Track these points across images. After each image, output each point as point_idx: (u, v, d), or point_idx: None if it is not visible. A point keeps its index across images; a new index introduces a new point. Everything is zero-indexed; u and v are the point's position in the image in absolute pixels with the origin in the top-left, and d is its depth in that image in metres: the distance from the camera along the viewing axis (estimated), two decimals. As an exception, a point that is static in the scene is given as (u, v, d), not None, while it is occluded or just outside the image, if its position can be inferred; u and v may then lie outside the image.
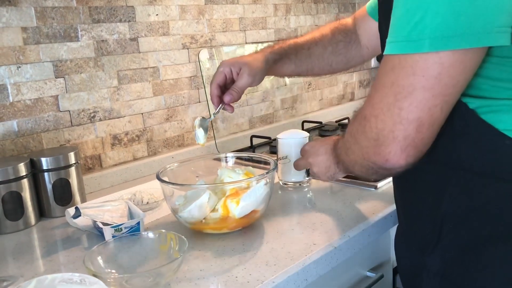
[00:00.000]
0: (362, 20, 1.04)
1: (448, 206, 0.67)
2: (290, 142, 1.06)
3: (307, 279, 0.74)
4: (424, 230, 0.72)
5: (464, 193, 0.65)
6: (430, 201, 0.70)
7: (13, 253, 0.85)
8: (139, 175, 1.26)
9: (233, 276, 0.71)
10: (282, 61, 1.02)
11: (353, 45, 1.06)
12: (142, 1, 1.25)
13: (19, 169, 0.94)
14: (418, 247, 0.74)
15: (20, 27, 1.04)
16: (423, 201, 0.71)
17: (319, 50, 1.05)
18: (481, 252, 0.64)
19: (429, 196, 0.70)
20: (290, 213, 0.94)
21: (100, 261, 0.72)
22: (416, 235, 0.75)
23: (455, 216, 0.66)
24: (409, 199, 0.76)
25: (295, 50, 1.03)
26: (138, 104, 1.27)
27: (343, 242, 0.81)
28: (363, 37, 1.04)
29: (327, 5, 1.86)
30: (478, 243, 0.64)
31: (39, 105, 1.09)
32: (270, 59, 0.99)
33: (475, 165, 0.63)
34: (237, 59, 0.97)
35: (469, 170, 0.64)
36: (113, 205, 0.91)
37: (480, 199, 0.63)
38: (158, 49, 1.30)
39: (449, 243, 0.68)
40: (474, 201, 0.64)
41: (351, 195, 1.01)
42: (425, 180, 0.70)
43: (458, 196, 0.65)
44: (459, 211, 0.66)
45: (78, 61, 1.14)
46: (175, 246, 0.75)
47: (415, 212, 0.75)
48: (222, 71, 0.96)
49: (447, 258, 0.69)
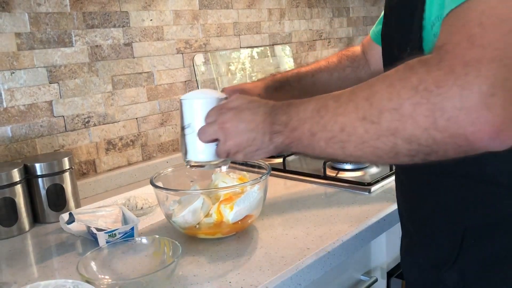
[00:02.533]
0: (368, 46, 1.05)
1: (471, 221, 0.62)
2: (197, 104, 0.72)
3: (300, 283, 0.74)
4: (441, 245, 0.66)
5: (488, 207, 0.60)
6: (449, 215, 0.64)
7: (7, 259, 0.85)
8: (134, 180, 1.26)
9: (227, 281, 0.71)
10: (283, 89, 1.01)
11: (361, 70, 1.05)
12: (136, 6, 1.25)
13: (13, 175, 0.94)
14: (432, 262, 0.69)
15: (13, 32, 1.04)
16: (441, 215, 0.66)
17: (325, 77, 1.04)
18: (506, 267, 0.61)
19: (449, 210, 0.64)
20: (284, 217, 0.94)
21: (93, 267, 0.72)
22: (431, 250, 0.69)
23: (478, 230, 0.61)
24: (423, 214, 0.70)
25: (297, 77, 1.02)
26: (132, 109, 1.28)
27: (336, 246, 0.81)
28: (371, 62, 1.05)
29: (321, 9, 1.87)
30: (503, 257, 0.60)
31: (33, 111, 1.09)
32: (270, 87, 0.99)
33: (500, 176, 0.58)
34: (237, 86, 0.97)
35: (493, 182, 0.59)
36: (107, 211, 0.91)
37: (506, 212, 0.59)
38: (153, 54, 1.30)
39: (470, 259, 0.63)
40: (498, 214, 0.60)
41: (344, 199, 1.01)
42: (445, 194, 0.64)
43: (481, 209, 0.61)
44: (482, 225, 0.61)
45: (72, 67, 1.14)
46: (169, 251, 0.75)
47: (431, 227, 0.69)
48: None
49: (467, 274, 0.64)
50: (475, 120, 0.43)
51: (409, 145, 0.48)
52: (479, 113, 0.43)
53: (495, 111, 0.43)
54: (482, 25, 0.44)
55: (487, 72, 0.43)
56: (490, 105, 0.43)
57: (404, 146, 0.49)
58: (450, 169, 0.61)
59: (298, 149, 0.61)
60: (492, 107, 0.43)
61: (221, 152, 0.68)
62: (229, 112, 0.67)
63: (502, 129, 0.43)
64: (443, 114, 0.45)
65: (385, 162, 0.54)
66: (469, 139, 0.45)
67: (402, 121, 0.48)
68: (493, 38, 0.43)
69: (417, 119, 0.46)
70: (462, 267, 0.65)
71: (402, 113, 0.47)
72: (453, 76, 0.44)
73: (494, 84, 0.42)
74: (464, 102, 0.43)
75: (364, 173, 1.16)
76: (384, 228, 0.93)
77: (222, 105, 0.70)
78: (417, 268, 0.74)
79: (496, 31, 0.43)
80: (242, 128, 0.65)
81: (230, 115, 0.66)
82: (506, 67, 0.43)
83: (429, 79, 0.46)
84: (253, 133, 0.64)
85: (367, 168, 1.18)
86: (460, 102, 0.43)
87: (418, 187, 0.67)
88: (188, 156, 0.75)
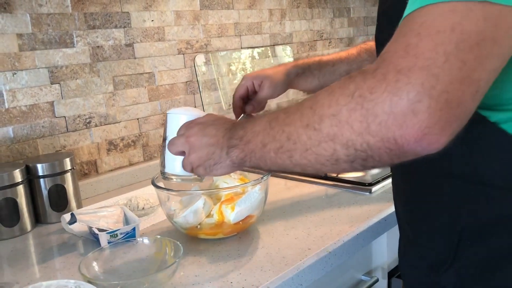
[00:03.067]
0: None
1: (467, 222, 0.62)
2: (176, 118, 0.76)
3: (302, 284, 0.75)
4: (438, 247, 0.67)
5: (484, 208, 0.60)
6: (445, 217, 0.64)
7: (9, 260, 0.85)
8: (135, 181, 1.26)
9: (228, 282, 0.71)
10: (304, 75, 1.02)
11: None
12: (138, 7, 1.26)
13: (15, 175, 0.94)
14: (429, 264, 0.69)
15: (15, 33, 1.04)
16: (437, 217, 0.66)
17: (344, 67, 1.04)
18: (503, 269, 0.61)
19: (445, 212, 0.64)
20: (285, 218, 0.94)
21: (95, 267, 0.73)
22: (428, 252, 0.69)
23: (474, 232, 0.62)
24: (419, 216, 0.70)
25: (319, 66, 1.03)
26: (133, 110, 1.28)
27: (337, 247, 0.81)
28: None
29: (322, 9, 1.87)
30: (500, 259, 0.60)
31: (35, 111, 1.09)
32: (292, 73, 1.00)
33: (495, 178, 0.58)
34: (259, 73, 0.99)
35: (489, 183, 0.59)
36: (108, 211, 0.91)
37: (501, 213, 0.59)
38: (154, 54, 1.31)
39: (467, 261, 0.63)
40: (495, 215, 0.60)
41: (345, 200, 1.01)
42: (440, 195, 0.65)
43: (477, 211, 0.61)
44: (478, 226, 0.61)
45: (73, 67, 1.14)
46: (170, 252, 0.76)
47: (427, 229, 0.69)
48: (244, 84, 0.98)
49: (465, 276, 0.64)
50: (403, 124, 0.46)
51: (347, 150, 0.50)
52: (406, 118, 0.46)
53: (421, 116, 0.45)
54: (420, 35, 0.46)
55: (416, 80, 0.45)
56: (416, 111, 0.45)
57: (343, 151, 0.51)
58: (444, 170, 0.62)
59: (252, 162, 0.62)
60: (418, 112, 0.45)
61: (186, 165, 0.70)
62: (196, 127, 0.70)
63: (426, 133, 0.46)
64: (375, 119, 0.47)
65: (328, 170, 0.55)
66: (397, 142, 0.47)
67: (339, 126, 0.50)
68: (426, 48, 0.45)
69: (353, 124, 0.49)
70: (459, 269, 0.65)
71: (340, 118, 0.50)
72: (385, 83, 0.46)
73: (421, 91, 0.45)
74: (393, 107, 0.46)
75: (365, 173, 1.16)
76: (385, 228, 0.93)
77: (192, 120, 0.73)
78: (414, 270, 0.74)
79: (430, 41, 0.45)
80: (204, 142, 0.67)
81: (196, 130, 0.69)
82: (434, 76, 0.45)
83: (364, 86, 0.48)
84: (213, 147, 0.66)
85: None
86: (390, 107, 0.46)
87: (413, 189, 0.67)
88: (166, 167, 0.77)
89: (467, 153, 0.59)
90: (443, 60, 0.45)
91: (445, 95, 0.45)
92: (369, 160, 0.50)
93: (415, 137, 0.46)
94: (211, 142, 0.67)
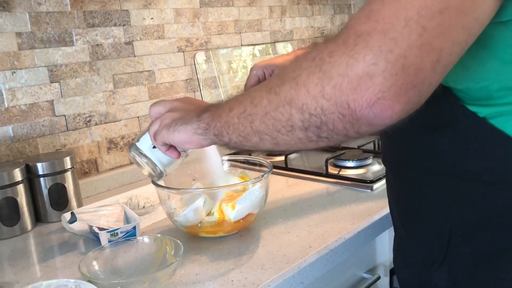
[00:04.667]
0: None
1: (457, 219, 0.62)
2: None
3: (303, 282, 0.74)
4: (429, 244, 0.67)
5: (473, 205, 0.60)
6: (435, 214, 0.65)
7: (9, 259, 0.85)
8: (136, 179, 1.26)
9: (229, 280, 0.71)
10: None
11: None
12: (137, 5, 1.25)
13: (15, 174, 0.94)
14: (422, 262, 0.69)
15: (14, 32, 1.04)
16: (427, 214, 0.66)
17: None
18: (494, 265, 0.61)
19: (435, 209, 0.65)
20: (285, 215, 0.94)
21: (95, 266, 0.72)
22: (420, 249, 0.70)
23: (464, 229, 0.62)
24: (410, 213, 0.71)
25: None
26: (134, 108, 1.27)
27: (339, 244, 0.81)
28: None
29: (323, 6, 1.86)
30: (490, 256, 0.60)
31: (35, 110, 1.08)
32: None
33: (485, 174, 0.58)
34: (269, 61, 0.97)
35: (478, 179, 0.59)
36: (109, 210, 0.91)
37: (491, 210, 0.59)
38: (154, 52, 1.30)
39: (458, 258, 0.64)
40: (484, 212, 0.59)
41: (346, 197, 1.01)
42: (430, 192, 0.65)
43: (467, 207, 0.61)
44: (468, 223, 0.61)
45: (73, 66, 1.14)
46: (171, 250, 0.75)
47: (418, 226, 0.69)
48: (255, 74, 0.96)
49: (456, 273, 0.64)
50: (357, 87, 0.45)
51: (302, 115, 0.50)
52: (361, 81, 0.45)
53: (375, 79, 0.44)
54: (383, 1, 0.46)
55: (373, 43, 0.44)
56: (371, 73, 0.44)
57: (298, 116, 0.50)
58: (434, 167, 0.62)
59: (215, 130, 0.62)
60: (373, 75, 0.44)
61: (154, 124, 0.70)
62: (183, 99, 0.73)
63: (380, 97, 0.45)
64: (330, 81, 0.46)
65: (285, 140, 0.54)
66: (350, 107, 0.46)
67: (296, 89, 0.50)
68: (387, 13, 0.45)
69: (309, 87, 0.48)
70: (450, 267, 0.65)
71: (298, 81, 0.50)
72: (343, 46, 0.46)
73: (377, 54, 0.44)
74: (349, 69, 0.45)
75: (366, 170, 1.16)
76: (387, 226, 0.92)
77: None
78: (408, 268, 0.75)
79: (392, 7, 0.45)
80: (185, 107, 0.69)
81: (172, 113, 0.70)
82: (392, 40, 0.44)
83: (325, 51, 0.48)
84: (191, 112, 0.67)
85: (369, 166, 1.18)
86: (346, 69, 0.45)
87: (405, 186, 0.67)
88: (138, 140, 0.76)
89: (456, 149, 0.59)
90: (403, 25, 0.44)
91: (402, 60, 0.44)
92: (323, 129, 0.49)
93: (367, 101, 0.45)
94: (191, 108, 0.68)
